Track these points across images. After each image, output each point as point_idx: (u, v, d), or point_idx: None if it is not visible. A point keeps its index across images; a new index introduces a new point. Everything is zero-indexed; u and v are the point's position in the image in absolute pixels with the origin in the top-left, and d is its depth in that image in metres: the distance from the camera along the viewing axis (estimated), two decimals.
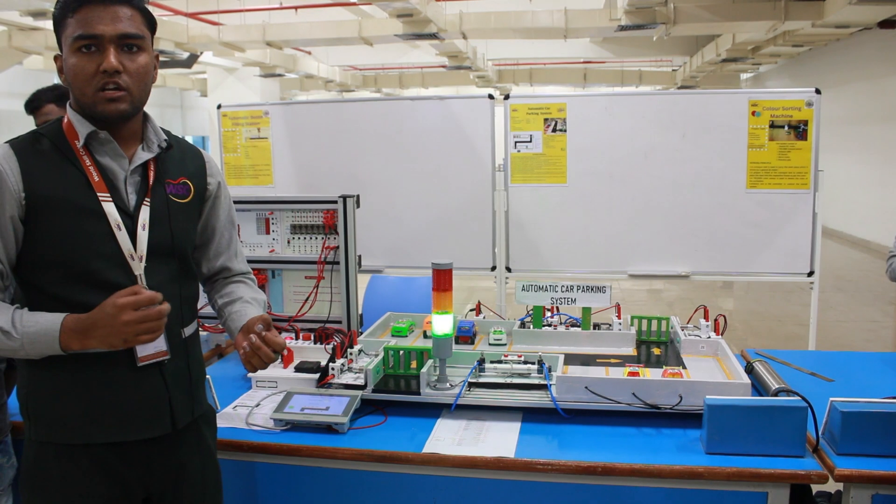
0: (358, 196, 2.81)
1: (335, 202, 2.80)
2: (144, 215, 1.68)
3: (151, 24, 1.68)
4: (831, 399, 1.99)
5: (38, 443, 1.66)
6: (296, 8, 10.36)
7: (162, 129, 1.77)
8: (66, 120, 1.67)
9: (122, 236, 1.64)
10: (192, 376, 1.79)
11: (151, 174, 1.72)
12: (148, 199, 1.70)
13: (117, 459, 1.67)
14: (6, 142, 1.64)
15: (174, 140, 1.80)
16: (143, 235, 1.67)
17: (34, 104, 2.97)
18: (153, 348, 1.68)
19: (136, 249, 1.65)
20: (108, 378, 1.64)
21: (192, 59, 11.75)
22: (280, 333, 2.69)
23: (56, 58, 1.67)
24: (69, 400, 1.63)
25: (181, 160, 1.81)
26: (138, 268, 1.65)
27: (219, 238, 1.95)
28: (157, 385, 1.70)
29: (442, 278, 2.16)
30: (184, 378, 1.77)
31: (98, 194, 1.62)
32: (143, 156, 1.70)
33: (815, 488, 2.20)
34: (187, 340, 1.79)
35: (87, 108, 1.62)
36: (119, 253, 1.63)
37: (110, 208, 1.63)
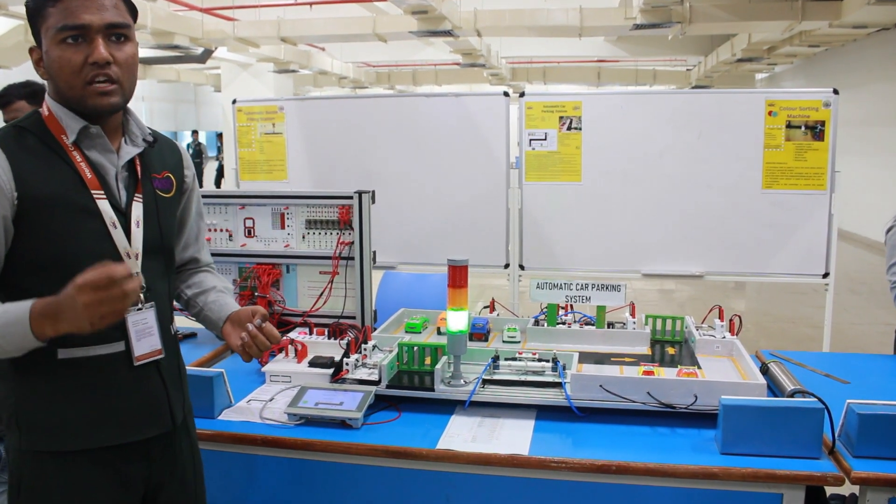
0: (373, 192, 2.81)
1: (351, 198, 2.80)
2: (137, 212, 1.65)
3: (134, 11, 1.63)
4: (848, 401, 1.98)
5: (32, 453, 1.59)
6: (310, 4, 10.37)
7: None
8: (46, 113, 1.59)
9: (118, 234, 1.61)
10: (179, 372, 1.80)
11: (139, 169, 1.68)
12: (139, 195, 1.66)
13: (122, 460, 1.65)
14: None
15: (155, 134, 1.76)
16: (137, 233, 1.64)
17: (4, 99, 2.95)
18: (149, 347, 1.66)
19: (130, 247, 1.62)
20: (107, 380, 1.61)
21: (207, 55, 11.78)
22: (294, 328, 2.72)
23: (32, 50, 1.59)
24: (67, 406, 1.58)
25: (161, 154, 1.77)
26: (134, 266, 1.62)
27: (189, 230, 1.92)
28: (156, 384, 1.69)
29: (457, 275, 2.16)
30: (175, 375, 1.77)
31: (92, 192, 1.57)
32: (130, 151, 1.66)
33: (828, 491, 2.19)
34: (173, 337, 1.79)
35: (75, 101, 1.55)
36: (114, 252, 1.59)
37: (105, 206, 1.59)
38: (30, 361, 1.52)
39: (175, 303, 1.89)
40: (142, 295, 1.64)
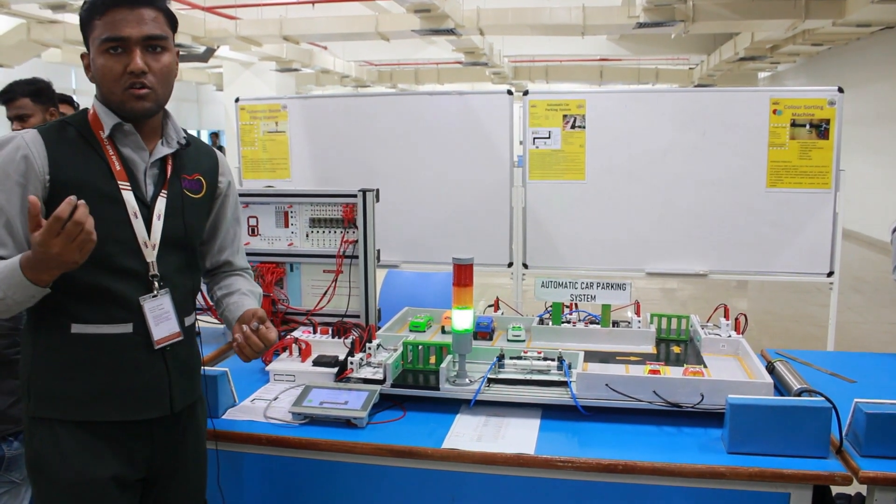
0: (378, 190, 2.80)
1: (355, 196, 2.79)
2: (160, 206, 1.77)
3: (173, 23, 1.75)
4: (856, 400, 1.97)
5: (42, 420, 1.70)
6: (313, 2, 10.36)
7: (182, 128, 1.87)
8: (91, 111, 1.74)
9: (138, 224, 1.72)
10: (189, 363, 1.87)
11: (169, 168, 1.81)
12: (164, 191, 1.78)
13: (124, 436, 1.74)
14: (34, 128, 1.71)
15: (191, 139, 1.89)
16: (157, 225, 1.75)
17: (7, 95, 2.96)
18: (167, 330, 1.76)
19: (149, 237, 1.73)
20: (113, 359, 1.71)
21: (209, 54, 11.76)
22: (298, 327, 2.71)
23: (83, 56, 1.74)
24: (75, 378, 1.69)
25: (196, 158, 1.90)
26: (150, 255, 1.74)
27: (224, 234, 2.04)
28: (159, 369, 1.77)
29: (463, 273, 2.15)
30: (183, 364, 1.83)
31: (118, 182, 1.70)
32: (162, 150, 1.79)
33: (834, 490, 2.18)
34: (187, 329, 1.85)
35: (115, 104, 1.69)
36: (133, 239, 1.71)
37: (129, 196, 1.71)
38: (46, 333, 1.70)
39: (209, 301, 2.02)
40: (156, 283, 1.74)
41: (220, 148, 18.32)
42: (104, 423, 1.71)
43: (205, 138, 18.34)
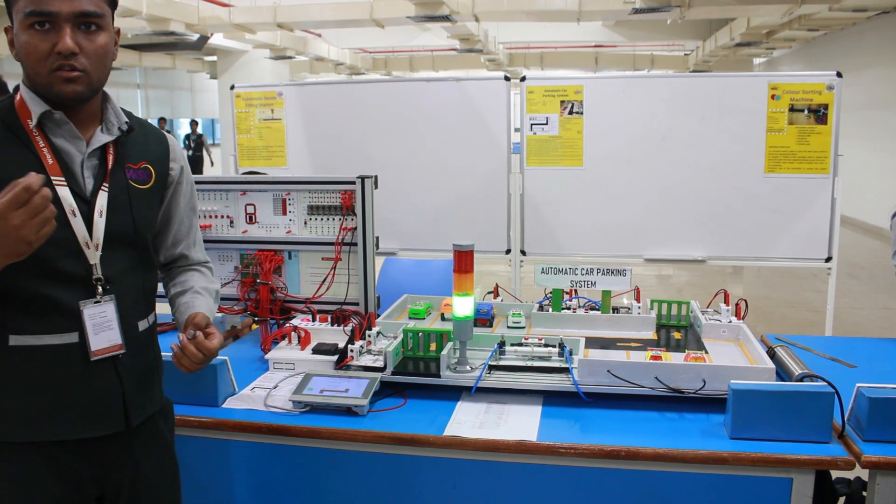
0: (376, 177, 2.78)
1: (353, 183, 2.77)
2: (102, 201, 1.59)
3: (112, 0, 1.58)
4: (858, 385, 1.96)
5: None
6: None
7: (123, 110, 1.68)
8: (18, 97, 1.56)
9: (77, 223, 1.55)
10: (146, 371, 1.72)
11: (111, 158, 1.62)
12: (106, 185, 1.60)
13: (70, 457, 1.58)
14: None
15: (136, 122, 1.71)
16: (99, 222, 1.58)
17: None
18: (107, 341, 1.59)
19: (91, 237, 1.56)
20: (58, 373, 1.55)
21: (203, 41, 11.71)
22: (296, 315, 2.70)
23: (6, 29, 1.55)
24: (16, 395, 1.54)
25: (143, 144, 1.71)
26: (94, 256, 1.57)
27: (178, 225, 1.86)
28: (110, 380, 1.61)
29: (463, 260, 2.14)
30: (140, 373, 1.68)
31: (52, 178, 1.52)
32: (101, 138, 1.61)
33: (834, 475, 2.18)
34: (143, 333, 1.71)
35: (42, 87, 1.51)
36: (73, 240, 1.54)
37: (65, 193, 1.53)
38: None
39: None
40: (100, 287, 1.58)
41: (200, 136, 17.48)
42: (50, 444, 1.55)
43: (187, 127, 17.35)
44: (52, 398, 1.55)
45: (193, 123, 17.75)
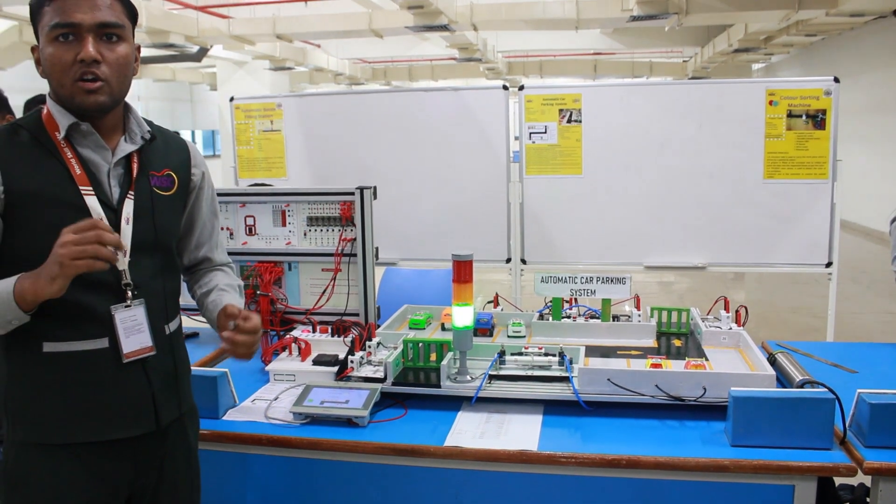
0: (375, 187, 2.79)
1: (352, 194, 2.78)
2: (128, 209, 1.65)
3: (132, 13, 1.63)
4: (859, 391, 1.96)
5: (19, 443, 1.61)
6: (305, 0, 10.33)
7: (145, 119, 1.73)
8: (45, 111, 1.62)
9: None
10: (176, 373, 1.77)
11: (135, 166, 1.68)
12: (132, 193, 1.66)
13: (102, 458, 1.63)
14: None
15: (158, 131, 1.77)
16: (126, 230, 1.64)
17: None
18: (138, 343, 1.64)
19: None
20: (90, 376, 1.60)
21: (202, 53, 11.72)
22: (297, 326, 2.70)
23: (33, 49, 1.62)
24: (50, 399, 1.59)
25: (165, 151, 1.77)
26: (122, 262, 1.62)
27: (201, 229, 1.93)
28: (140, 382, 1.66)
29: (462, 270, 2.14)
30: (168, 375, 1.73)
31: (80, 188, 1.58)
32: (126, 147, 1.67)
33: (837, 481, 2.17)
34: (171, 336, 1.76)
35: (66, 99, 1.57)
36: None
37: (93, 202, 1.59)
38: (18, 353, 1.59)
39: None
40: (129, 292, 1.63)
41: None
42: (83, 445, 1.61)
43: (188, 139, 17.48)
44: (85, 401, 1.61)
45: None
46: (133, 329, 1.64)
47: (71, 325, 1.58)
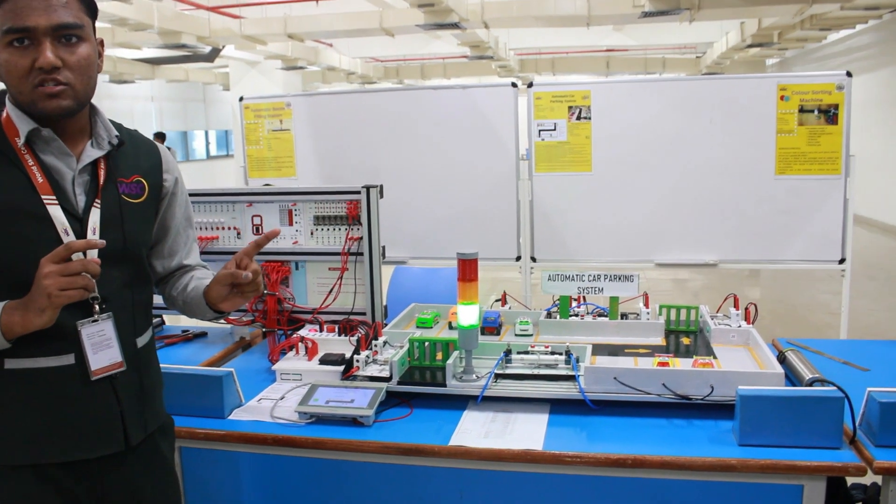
0: (381, 186, 2.78)
1: (358, 192, 2.77)
2: (95, 218, 1.56)
3: (91, 9, 1.53)
4: (869, 389, 1.93)
5: None
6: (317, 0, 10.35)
7: (113, 122, 1.65)
8: (4, 115, 1.53)
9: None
10: (145, 389, 1.68)
11: (102, 173, 1.59)
12: (98, 201, 1.57)
13: (69, 479, 1.56)
14: None
15: (127, 135, 1.68)
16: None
17: None
18: (107, 360, 1.57)
19: (85, 255, 1.50)
20: (55, 395, 1.53)
21: (215, 53, 11.78)
22: (304, 325, 2.70)
23: None
24: (13, 418, 1.52)
25: (135, 156, 1.68)
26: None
27: (175, 237, 1.84)
28: (108, 400, 1.58)
29: (467, 268, 2.13)
30: (137, 391, 1.65)
31: (42, 197, 1.50)
32: (92, 153, 1.58)
33: (849, 481, 2.15)
34: (142, 350, 1.69)
35: (26, 105, 1.49)
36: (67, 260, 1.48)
37: (56, 212, 1.51)
38: None
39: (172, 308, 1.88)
40: (96, 305, 1.55)
41: (168, 150, 16.38)
42: (50, 466, 1.53)
43: (201, 139, 16.80)
44: (50, 420, 1.53)
45: (157, 136, 16.68)
46: (101, 344, 1.56)
47: (34, 340, 1.48)
